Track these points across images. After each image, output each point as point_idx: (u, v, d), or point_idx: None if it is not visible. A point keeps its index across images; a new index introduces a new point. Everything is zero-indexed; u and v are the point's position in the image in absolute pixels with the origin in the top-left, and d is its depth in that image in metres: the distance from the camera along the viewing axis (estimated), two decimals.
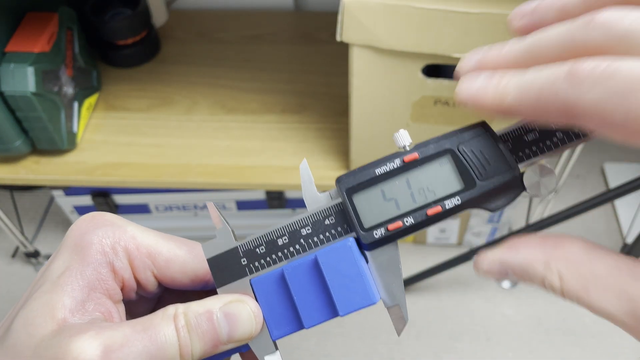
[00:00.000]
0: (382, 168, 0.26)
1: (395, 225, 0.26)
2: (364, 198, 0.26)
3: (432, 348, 1.07)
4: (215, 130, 0.92)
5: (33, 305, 0.24)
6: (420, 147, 0.26)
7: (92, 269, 0.26)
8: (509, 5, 0.61)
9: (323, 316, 0.27)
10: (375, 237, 0.26)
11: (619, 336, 1.07)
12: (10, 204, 1.23)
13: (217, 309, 0.25)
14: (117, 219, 0.28)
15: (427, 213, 0.25)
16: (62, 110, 0.85)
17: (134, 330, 0.24)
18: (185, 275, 0.28)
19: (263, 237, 0.27)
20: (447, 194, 0.25)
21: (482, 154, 0.25)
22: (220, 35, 1.08)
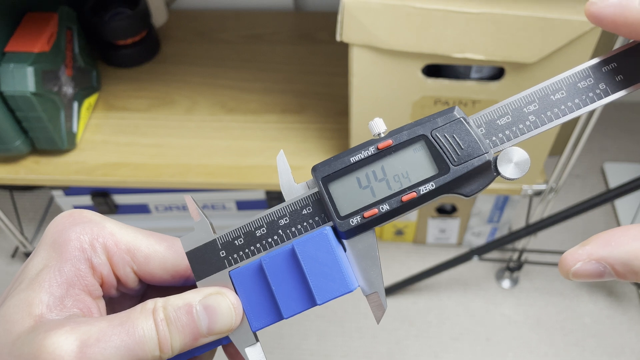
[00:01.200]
0: (356, 156, 0.26)
1: (371, 213, 0.26)
2: (339, 186, 0.26)
3: (432, 348, 1.07)
4: (215, 130, 0.92)
5: (10, 303, 0.24)
6: (394, 133, 0.26)
7: (70, 265, 0.26)
8: (509, 5, 0.61)
9: (301, 306, 0.27)
10: (351, 224, 0.26)
11: (619, 336, 1.07)
12: (10, 204, 1.23)
13: (196, 302, 0.25)
14: (96, 216, 0.27)
15: (402, 199, 0.26)
16: (61, 110, 0.85)
17: (110, 324, 0.24)
18: (165, 271, 0.28)
19: (241, 229, 0.27)
20: (421, 180, 0.26)
21: (456, 139, 0.25)
22: (220, 35, 1.08)
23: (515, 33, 0.62)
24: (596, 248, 0.22)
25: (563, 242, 1.17)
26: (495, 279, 1.15)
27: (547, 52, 0.64)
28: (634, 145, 1.32)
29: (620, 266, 0.21)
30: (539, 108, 0.25)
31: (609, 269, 0.21)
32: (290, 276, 0.27)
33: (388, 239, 1.18)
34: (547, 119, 0.25)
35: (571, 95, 0.25)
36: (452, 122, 0.25)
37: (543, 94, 0.25)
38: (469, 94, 0.71)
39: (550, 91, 0.25)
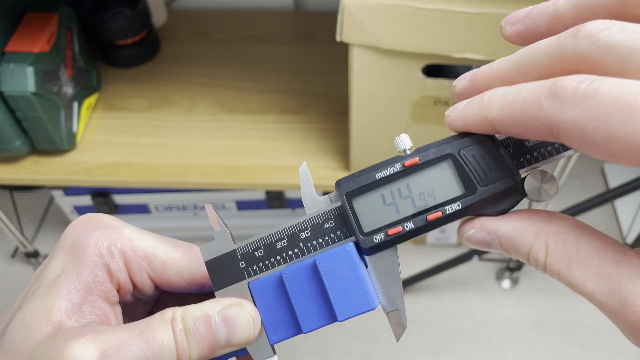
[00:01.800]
0: (382, 172, 0.26)
1: (395, 230, 0.25)
2: (363, 202, 0.26)
3: (432, 348, 1.07)
4: (215, 130, 0.92)
5: (28, 308, 0.24)
6: (421, 151, 0.26)
7: (88, 271, 0.26)
8: (509, 6, 0.61)
9: (321, 321, 0.26)
10: (374, 241, 0.26)
11: (619, 336, 1.06)
12: (10, 204, 1.23)
13: (215, 313, 0.25)
14: (114, 221, 0.27)
15: (427, 218, 0.25)
16: (61, 110, 0.85)
17: (130, 334, 0.24)
18: (182, 278, 0.28)
19: (262, 240, 0.27)
20: (447, 199, 0.25)
21: (484, 159, 0.25)
22: (220, 36, 1.08)
23: None
24: (489, 221, 0.24)
25: None
26: (495, 279, 1.15)
27: None
28: None
29: (505, 241, 0.23)
30: None
31: (496, 241, 0.24)
32: (310, 291, 0.26)
33: None
34: None
35: None
36: (480, 142, 0.25)
37: None
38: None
39: None
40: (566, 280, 0.21)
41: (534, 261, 0.22)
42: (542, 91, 0.20)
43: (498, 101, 0.22)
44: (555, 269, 0.22)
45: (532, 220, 0.23)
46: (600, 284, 0.20)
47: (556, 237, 0.22)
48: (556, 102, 0.19)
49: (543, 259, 0.22)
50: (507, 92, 0.21)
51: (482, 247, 0.24)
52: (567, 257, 0.21)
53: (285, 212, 1.13)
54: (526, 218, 0.23)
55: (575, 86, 0.19)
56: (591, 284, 0.21)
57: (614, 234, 1.19)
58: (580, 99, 0.18)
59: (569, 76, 0.19)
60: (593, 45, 0.19)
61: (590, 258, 0.21)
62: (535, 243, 0.22)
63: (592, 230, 0.22)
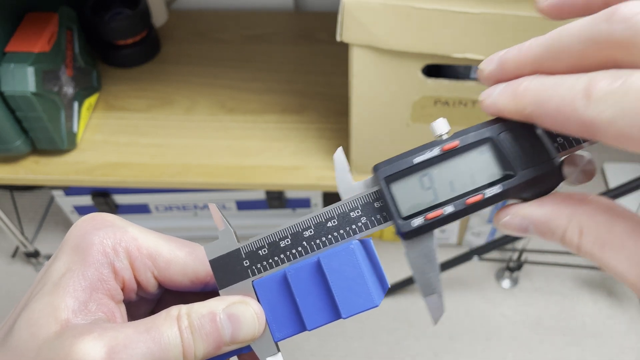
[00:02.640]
0: (420, 156, 0.26)
1: (434, 214, 0.25)
2: (401, 186, 0.26)
3: (432, 348, 1.07)
4: (215, 130, 0.92)
5: (35, 306, 0.24)
6: (460, 135, 0.26)
7: (93, 269, 0.26)
8: (509, 6, 0.61)
9: (325, 318, 0.27)
10: (412, 226, 0.26)
11: (619, 336, 1.07)
12: (10, 204, 1.23)
13: (220, 311, 0.25)
14: (118, 220, 0.28)
15: (467, 202, 0.25)
16: (62, 110, 0.85)
17: (137, 331, 0.24)
18: (186, 277, 0.28)
19: (265, 239, 0.27)
20: (487, 183, 0.25)
21: (523, 143, 0.25)
22: (220, 36, 1.08)
23: (515, 33, 0.62)
24: (524, 206, 0.24)
25: None
26: (495, 279, 1.15)
27: None
28: None
29: (540, 225, 0.23)
30: None
31: (531, 226, 0.24)
32: (314, 288, 0.27)
33: (388, 239, 1.18)
34: None
35: None
36: (519, 125, 0.25)
37: None
38: (469, 94, 0.72)
39: None
40: (599, 261, 0.21)
41: (568, 243, 0.23)
42: (577, 92, 0.20)
43: (532, 97, 0.21)
44: (588, 251, 0.22)
45: (565, 203, 0.23)
46: (633, 266, 0.20)
47: (589, 219, 0.22)
48: (591, 102, 0.19)
49: (577, 240, 0.22)
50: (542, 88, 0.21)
51: (518, 233, 0.24)
52: (601, 239, 0.21)
53: (286, 212, 1.13)
54: (560, 201, 0.23)
55: (609, 85, 0.19)
56: (623, 266, 0.20)
57: None
58: (614, 97, 0.18)
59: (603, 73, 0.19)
60: (629, 30, 0.19)
61: (623, 240, 0.21)
62: (569, 225, 0.22)
63: (626, 212, 0.22)
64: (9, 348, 0.23)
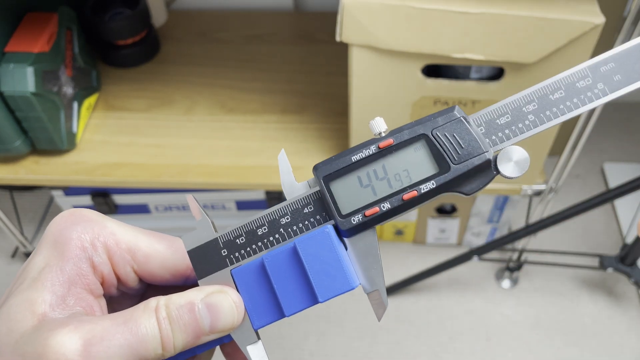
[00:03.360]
0: (358, 155, 0.26)
1: (372, 211, 0.26)
2: (341, 185, 0.26)
3: (432, 348, 1.07)
4: (214, 130, 0.92)
5: (13, 302, 0.24)
6: (394, 132, 0.26)
7: (72, 264, 0.26)
8: (509, 6, 0.61)
9: (303, 303, 0.27)
10: (352, 223, 0.26)
11: (619, 336, 1.07)
12: (10, 204, 1.23)
13: (198, 300, 0.25)
14: (96, 215, 0.27)
15: (403, 198, 0.26)
16: (61, 110, 0.85)
17: (114, 323, 0.24)
18: (166, 270, 0.28)
19: (242, 228, 0.27)
20: (422, 178, 0.26)
21: (456, 138, 0.25)
22: (219, 36, 1.08)
23: (515, 33, 0.62)
24: None
25: (563, 242, 1.17)
26: (495, 279, 1.15)
27: (547, 52, 0.64)
28: (634, 145, 1.32)
29: None
30: (537, 107, 0.26)
31: None
32: (292, 274, 0.27)
33: (388, 239, 1.18)
34: (546, 118, 0.25)
35: (570, 94, 0.25)
36: (452, 122, 0.26)
37: (542, 94, 0.26)
38: (468, 94, 0.72)
39: (549, 91, 0.26)
40: None
41: None
42: None
43: None
44: None
45: None
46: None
47: None
48: None
49: None
50: None
51: None
52: None
53: None
54: None
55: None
56: None
57: (614, 234, 1.19)
58: None
59: None
60: None
61: None
62: None
63: None
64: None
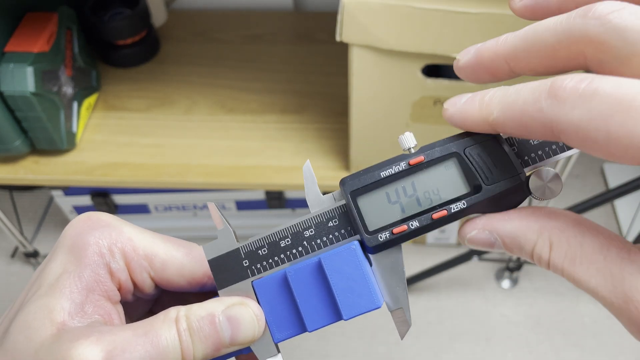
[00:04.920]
0: (387, 171, 0.26)
1: (400, 229, 0.25)
2: (368, 201, 0.26)
3: (432, 348, 1.07)
4: (214, 130, 0.92)
5: (31, 309, 0.24)
6: (426, 149, 0.26)
7: (89, 270, 0.25)
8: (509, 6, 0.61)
9: (326, 319, 0.26)
10: (379, 240, 0.26)
11: (619, 336, 1.07)
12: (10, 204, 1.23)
13: (219, 312, 0.25)
14: (114, 220, 0.27)
15: (433, 217, 0.25)
16: (61, 110, 0.85)
17: (135, 334, 0.23)
18: (183, 278, 0.28)
19: (265, 239, 0.27)
20: (452, 198, 0.25)
21: (489, 158, 0.25)
22: (219, 36, 1.08)
23: None
24: (491, 220, 0.24)
25: None
26: (495, 279, 1.15)
27: None
28: None
29: (508, 239, 0.23)
30: None
31: (499, 240, 0.23)
32: (315, 289, 0.26)
33: None
34: None
35: None
36: (485, 141, 0.25)
37: None
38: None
39: None
40: (570, 276, 0.21)
41: (537, 258, 0.22)
42: (542, 92, 0.19)
43: (498, 102, 0.21)
44: (559, 266, 0.22)
45: (534, 217, 0.23)
46: (604, 280, 0.20)
47: (560, 233, 0.22)
48: (556, 102, 0.19)
49: (547, 255, 0.22)
50: (507, 92, 0.21)
51: (484, 248, 0.24)
52: (571, 254, 0.21)
53: (285, 212, 1.13)
54: (528, 215, 0.23)
55: (574, 86, 0.18)
56: (595, 280, 0.20)
57: None
58: (579, 99, 0.18)
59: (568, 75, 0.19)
60: (602, 26, 0.19)
61: (594, 254, 0.21)
62: (539, 240, 0.22)
63: (595, 227, 0.22)
64: (5, 351, 0.23)
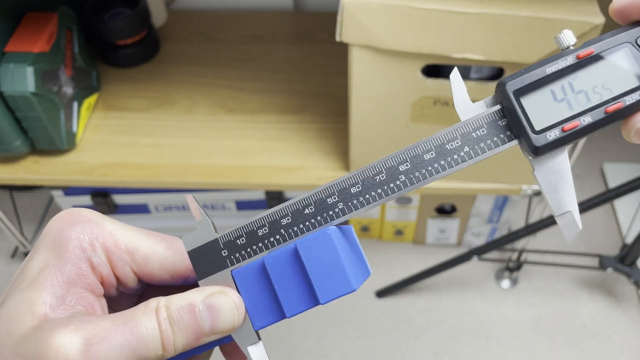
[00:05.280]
0: (553, 67, 0.24)
1: (572, 125, 0.24)
2: (532, 100, 0.25)
3: (432, 348, 1.07)
4: (214, 130, 0.92)
5: (12, 302, 0.24)
6: (593, 42, 0.24)
7: (71, 264, 0.26)
8: (509, 6, 0.61)
9: (304, 305, 0.27)
10: (548, 139, 0.24)
11: (619, 336, 1.07)
12: (10, 204, 1.23)
13: (199, 301, 0.25)
14: (95, 215, 0.27)
15: (606, 110, 0.24)
16: (61, 110, 0.85)
17: (114, 323, 0.24)
18: (165, 271, 0.28)
19: (243, 229, 0.27)
20: (627, 90, 0.24)
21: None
22: (219, 36, 1.08)
23: (514, 33, 0.62)
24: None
25: (562, 242, 1.17)
26: (495, 279, 1.15)
27: (547, 52, 0.64)
28: (634, 145, 1.32)
29: None
30: None
31: None
32: (293, 275, 0.27)
33: (388, 239, 1.18)
34: None
35: None
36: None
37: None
38: (468, 94, 0.71)
39: None
40: None
41: None
42: None
43: None
44: None
45: None
46: None
47: None
48: None
49: None
50: None
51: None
52: None
53: None
54: None
55: None
56: None
57: (613, 234, 1.19)
58: None
59: None
60: None
61: None
62: None
63: None
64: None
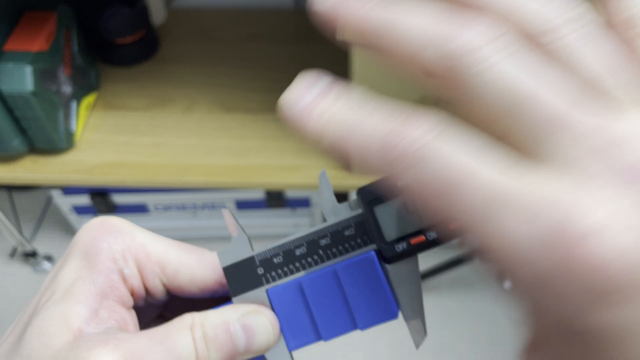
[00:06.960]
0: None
1: (418, 240, 0.25)
2: (385, 210, 0.26)
3: (433, 349, 1.06)
4: (214, 129, 0.92)
5: (46, 315, 0.24)
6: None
7: (103, 276, 0.25)
8: None
9: (342, 329, 0.26)
10: (397, 250, 0.25)
11: None
12: (8, 203, 1.23)
13: (234, 320, 0.25)
14: (126, 225, 0.27)
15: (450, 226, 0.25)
16: (60, 110, 0.84)
17: (151, 341, 0.24)
18: (194, 285, 0.28)
19: (280, 247, 0.27)
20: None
21: None
22: (219, 34, 1.08)
23: None
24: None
25: None
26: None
27: None
28: None
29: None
30: None
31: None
32: (331, 298, 0.26)
33: None
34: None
35: None
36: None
37: None
38: None
39: None
40: None
41: None
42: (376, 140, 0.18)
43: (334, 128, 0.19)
44: None
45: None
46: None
47: None
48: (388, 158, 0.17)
49: None
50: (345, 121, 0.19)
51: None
52: None
53: (285, 212, 1.13)
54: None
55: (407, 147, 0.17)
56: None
57: None
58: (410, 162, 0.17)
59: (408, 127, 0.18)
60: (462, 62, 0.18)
61: None
62: None
63: None
64: (21, 357, 0.23)
